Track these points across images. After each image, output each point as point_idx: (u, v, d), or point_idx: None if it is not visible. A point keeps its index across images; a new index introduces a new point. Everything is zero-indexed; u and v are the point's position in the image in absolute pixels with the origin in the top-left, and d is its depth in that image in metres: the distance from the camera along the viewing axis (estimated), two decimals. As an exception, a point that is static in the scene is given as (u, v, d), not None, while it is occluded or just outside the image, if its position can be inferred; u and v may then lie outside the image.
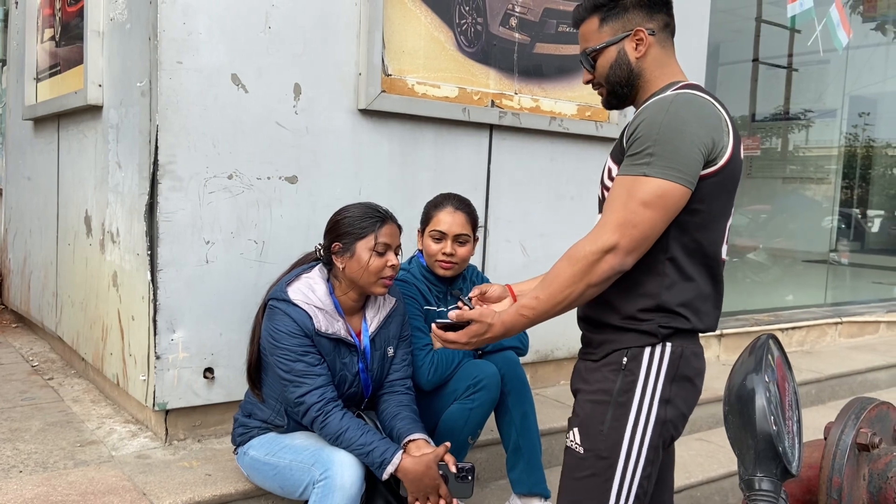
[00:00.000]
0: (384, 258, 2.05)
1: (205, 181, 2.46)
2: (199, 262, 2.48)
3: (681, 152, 1.50)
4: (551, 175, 3.32)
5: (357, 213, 2.08)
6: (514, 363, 2.42)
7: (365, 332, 2.14)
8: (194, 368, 2.50)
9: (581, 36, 1.72)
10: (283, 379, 2.01)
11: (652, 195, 1.49)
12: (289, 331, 1.99)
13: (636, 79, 1.67)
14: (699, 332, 1.67)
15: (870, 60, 7.42)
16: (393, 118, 2.82)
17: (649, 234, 1.52)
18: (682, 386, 1.64)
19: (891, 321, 5.47)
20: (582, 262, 1.52)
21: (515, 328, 1.62)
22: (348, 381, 2.09)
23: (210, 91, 2.44)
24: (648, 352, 1.61)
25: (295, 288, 2.06)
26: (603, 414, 1.62)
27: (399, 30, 2.80)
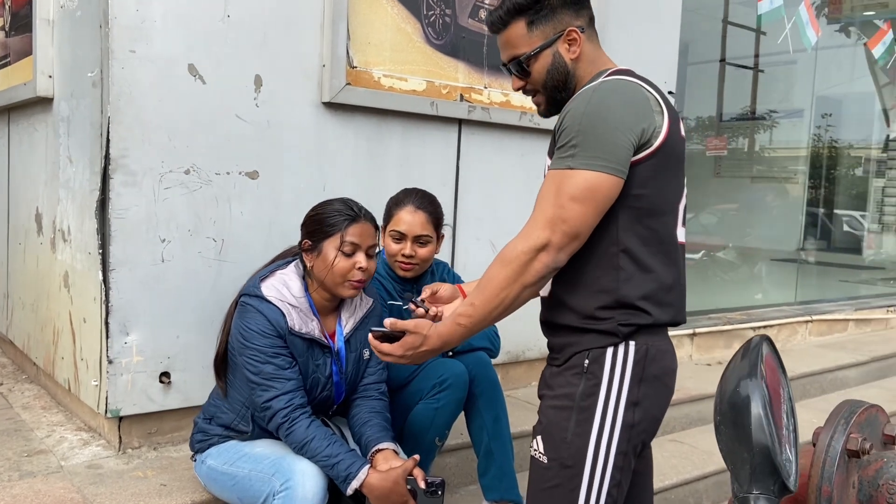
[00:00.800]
0: (352, 259, 1.93)
1: (160, 176, 2.35)
2: (154, 262, 2.36)
3: (605, 140, 1.43)
4: (521, 171, 3.25)
5: (329, 209, 1.98)
6: (485, 364, 2.34)
7: (339, 333, 2.04)
8: (149, 373, 2.38)
9: (506, 42, 1.63)
10: (251, 381, 1.91)
11: (579, 188, 1.43)
12: (260, 329, 1.89)
13: (572, 80, 1.61)
14: (665, 325, 1.59)
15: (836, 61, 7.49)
16: (358, 112, 2.73)
17: (581, 229, 1.46)
18: (652, 386, 1.56)
19: (859, 319, 5.50)
20: (514, 263, 1.45)
21: (454, 339, 1.54)
22: (321, 384, 1.99)
23: (165, 82, 2.33)
24: (611, 352, 1.53)
25: (269, 284, 1.96)
26: (566, 420, 1.54)
27: (365, 21, 2.71)
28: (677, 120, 1.53)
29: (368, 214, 2.00)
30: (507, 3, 1.60)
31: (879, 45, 5.56)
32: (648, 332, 1.56)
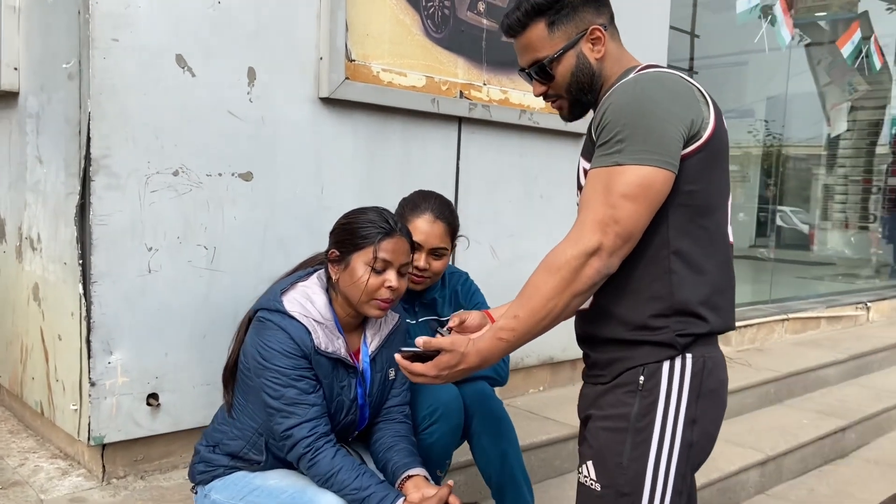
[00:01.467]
0: (381, 277, 1.75)
1: (146, 178, 2.13)
2: (141, 272, 2.14)
3: (655, 132, 1.33)
4: (521, 171, 3.11)
5: (362, 219, 1.79)
6: (486, 397, 2.14)
7: (364, 352, 1.86)
8: (136, 395, 2.17)
9: (526, 46, 1.51)
10: (270, 407, 1.71)
11: (632, 185, 1.32)
12: (283, 349, 1.69)
13: (597, 81, 1.50)
14: (719, 333, 1.48)
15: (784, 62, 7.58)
16: (357, 108, 2.55)
17: (634, 230, 1.35)
18: (709, 401, 1.45)
19: (830, 316, 5.55)
20: (564, 270, 1.33)
21: (494, 355, 1.42)
22: (345, 407, 1.81)
23: (151, 73, 2.11)
24: (667, 367, 1.42)
25: (291, 298, 1.77)
26: (621, 444, 1.42)
27: (363, 10, 2.53)
28: (720, 112, 1.43)
29: (405, 229, 1.83)
30: (526, 4, 1.48)
31: (848, 45, 5.62)
32: (704, 341, 1.45)
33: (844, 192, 9.41)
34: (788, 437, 3.46)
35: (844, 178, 9.30)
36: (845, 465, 3.67)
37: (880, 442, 4.03)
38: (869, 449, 3.91)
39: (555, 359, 3.34)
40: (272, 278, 2.25)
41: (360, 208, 1.85)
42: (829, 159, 9.27)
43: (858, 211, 9.39)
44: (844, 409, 4.03)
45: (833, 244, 9.65)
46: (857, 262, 8.97)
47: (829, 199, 9.47)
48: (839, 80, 8.13)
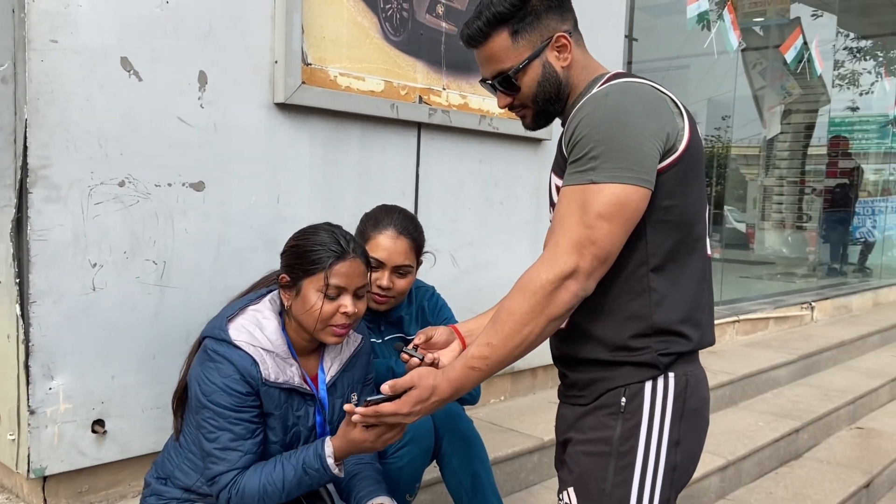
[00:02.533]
0: (336, 303, 1.63)
1: (89, 189, 1.99)
2: (84, 290, 2.00)
3: (630, 148, 1.27)
4: (480, 178, 3.05)
5: (312, 241, 1.66)
6: (456, 417, 2.07)
7: (322, 380, 1.75)
8: (80, 422, 2.02)
9: (489, 56, 1.44)
10: (203, 449, 1.61)
11: (608, 204, 1.27)
12: (224, 385, 1.58)
13: (564, 90, 1.45)
14: (701, 349, 1.45)
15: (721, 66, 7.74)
16: (314, 114, 2.44)
17: (611, 250, 1.30)
18: (691, 421, 1.41)
19: (778, 317, 5.66)
20: (539, 294, 1.28)
21: (466, 385, 1.35)
22: (303, 437, 1.71)
23: (94, 78, 1.97)
24: (650, 387, 1.37)
25: (238, 325, 1.65)
26: (603, 469, 1.38)
27: (319, 12, 2.42)
28: (694, 121, 1.39)
29: (359, 249, 1.70)
30: (486, 12, 1.40)
31: (791, 50, 5.75)
32: (686, 358, 1.41)
33: (781, 192, 9.68)
34: (746, 441, 3.49)
35: (781, 179, 9.57)
36: (800, 466, 3.72)
37: (830, 442, 4.11)
38: (820, 449, 3.97)
39: (516, 368, 3.29)
40: (226, 292, 2.14)
41: (310, 227, 1.73)
42: (766, 160, 9.52)
43: (795, 211, 9.66)
44: (797, 409, 4.10)
45: (771, 243, 9.91)
46: (796, 262, 9.23)
47: (767, 199, 9.73)
48: (774, 83, 8.35)
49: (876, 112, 9.89)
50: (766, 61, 8.24)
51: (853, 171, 9.34)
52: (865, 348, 5.72)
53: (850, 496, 3.34)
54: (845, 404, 4.37)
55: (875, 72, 9.94)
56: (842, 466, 3.70)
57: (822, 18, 8.43)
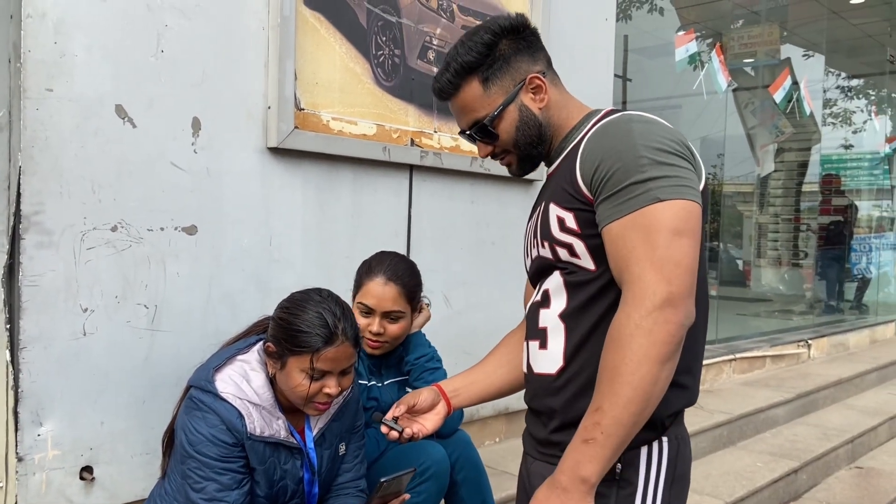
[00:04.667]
0: (320, 383, 1.60)
1: (82, 235, 2.00)
2: (75, 335, 2.00)
3: (680, 167, 1.23)
4: (472, 219, 3.07)
5: (302, 320, 1.60)
6: (467, 445, 2.09)
7: (309, 436, 1.73)
8: (68, 469, 2.00)
9: (462, 107, 1.41)
10: (190, 500, 1.59)
11: (680, 219, 1.19)
12: (211, 436, 1.57)
13: (546, 131, 1.40)
14: (690, 406, 1.37)
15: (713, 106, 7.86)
16: (306, 158, 2.47)
17: (694, 269, 1.19)
18: (680, 485, 1.36)
19: (775, 355, 5.64)
20: (637, 336, 1.15)
21: (588, 463, 1.19)
22: (289, 490, 1.69)
23: (89, 125, 2.00)
24: (645, 452, 1.30)
25: (225, 376, 1.64)
26: None
27: (312, 59, 2.47)
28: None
29: (349, 331, 1.62)
30: (454, 63, 1.38)
31: (780, 91, 5.83)
32: (679, 419, 1.36)
33: (776, 230, 9.73)
34: (744, 482, 3.45)
35: (776, 216, 9.62)
36: (799, 507, 3.68)
37: (829, 482, 4.07)
38: (819, 490, 3.93)
39: (510, 408, 3.27)
40: (218, 336, 2.15)
41: (300, 298, 1.67)
42: (760, 198, 9.59)
43: (790, 248, 9.70)
44: (795, 449, 4.06)
45: (767, 281, 9.91)
46: (792, 299, 9.23)
47: (763, 236, 9.77)
48: (766, 122, 8.45)
49: (867, 149, 9.99)
50: (757, 101, 8.34)
51: (847, 208, 9.41)
52: (863, 386, 5.70)
53: (850, 538, 3.30)
54: (844, 443, 4.33)
55: (866, 110, 10.06)
56: (842, 507, 3.67)
57: (811, 59, 8.57)
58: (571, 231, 1.31)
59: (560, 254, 1.34)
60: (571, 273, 1.34)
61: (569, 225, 1.31)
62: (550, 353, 1.37)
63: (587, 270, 1.31)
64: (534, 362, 1.42)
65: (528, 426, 1.49)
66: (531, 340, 1.43)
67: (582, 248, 1.31)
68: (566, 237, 1.32)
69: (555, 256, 1.35)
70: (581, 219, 1.30)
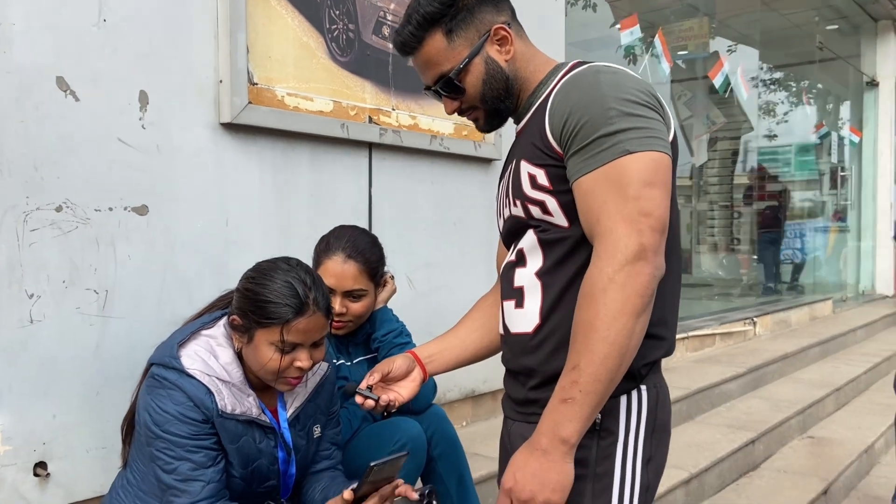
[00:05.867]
0: (290, 356, 1.51)
1: (24, 216, 1.87)
2: (21, 323, 1.86)
3: (649, 119, 1.21)
4: (433, 199, 3.01)
5: (270, 290, 1.50)
6: (443, 420, 2.04)
7: (283, 417, 1.64)
8: (20, 465, 1.86)
9: (426, 61, 1.37)
10: (162, 482, 1.49)
11: (650, 170, 1.18)
12: (179, 413, 1.47)
13: (513, 84, 1.37)
14: (667, 356, 1.35)
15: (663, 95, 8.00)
16: (262, 134, 2.37)
17: (665, 219, 1.19)
18: (660, 436, 1.34)
19: (723, 333, 5.75)
20: (611, 290, 1.14)
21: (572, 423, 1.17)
22: (264, 471, 1.60)
23: (29, 98, 1.87)
24: (625, 401, 1.28)
25: (190, 352, 1.54)
26: (580, 494, 1.25)
27: (264, 32, 2.37)
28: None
29: (321, 301, 1.53)
30: (416, 15, 1.34)
31: (719, 76, 5.96)
32: (656, 368, 1.34)
33: (713, 217, 9.97)
34: (707, 453, 3.49)
35: (712, 204, 9.86)
36: (758, 476, 3.74)
37: (784, 451, 4.15)
38: (776, 459, 4.01)
39: (476, 391, 3.23)
40: (174, 322, 2.03)
41: (267, 267, 1.57)
42: (697, 187, 9.81)
43: (727, 234, 9.96)
44: (751, 421, 4.14)
45: (707, 266, 10.16)
46: (732, 282, 9.47)
47: (701, 224, 10.01)
48: (699, 113, 8.65)
49: (799, 138, 10.33)
50: (690, 92, 8.53)
51: (781, 193, 9.72)
52: (807, 360, 5.86)
53: (811, 502, 3.36)
54: (795, 414, 4.44)
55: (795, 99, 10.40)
56: (799, 475, 3.74)
57: (747, 50, 8.79)
58: (543, 188, 1.29)
59: (532, 212, 1.31)
60: (545, 231, 1.31)
61: (540, 182, 1.29)
62: (527, 312, 1.34)
63: (560, 227, 1.29)
64: (510, 322, 1.39)
65: (506, 389, 1.46)
66: (507, 301, 1.40)
67: (554, 204, 1.28)
68: (538, 194, 1.30)
69: (527, 215, 1.33)
70: (552, 175, 1.28)
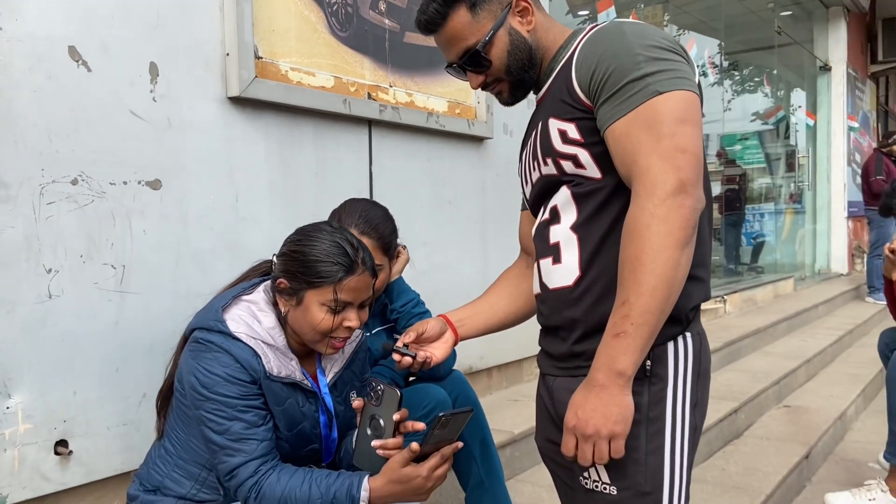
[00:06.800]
0: (341, 316, 1.52)
1: (41, 188, 1.83)
2: (40, 299, 1.83)
3: (676, 61, 1.25)
4: (430, 177, 3.03)
5: (319, 250, 1.52)
6: (464, 383, 2.07)
7: (323, 382, 1.65)
8: (41, 443, 1.83)
9: (451, 37, 1.39)
10: (213, 443, 1.48)
11: (681, 108, 1.21)
12: (228, 375, 1.47)
13: (536, 54, 1.40)
14: (706, 300, 1.39)
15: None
16: (268, 109, 2.36)
17: (700, 155, 1.22)
18: (704, 381, 1.38)
19: (696, 311, 5.89)
20: (654, 225, 1.16)
21: (622, 357, 1.20)
22: (307, 434, 1.60)
23: (41, 67, 1.83)
24: (672, 348, 1.31)
25: (234, 315, 1.53)
26: (635, 438, 1.27)
27: (266, 4, 2.35)
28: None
29: (367, 260, 1.56)
30: None
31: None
32: (697, 315, 1.38)
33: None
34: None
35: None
36: (742, 443, 3.85)
37: (764, 420, 4.29)
38: (757, 427, 4.14)
39: (473, 368, 3.26)
40: (190, 298, 2.04)
41: (312, 230, 1.60)
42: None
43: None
44: (732, 392, 4.26)
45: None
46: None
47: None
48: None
49: (757, 123, 10.59)
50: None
51: (740, 177, 9.96)
52: (776, 335, 6.04)
53: (795, 466, 3.48)
54: (772, 384, 4.58)
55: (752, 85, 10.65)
56: (781, 441, 3.87)
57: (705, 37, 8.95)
58: (574, 141, 1.31)
59: (565, 167, 1.34)
60: (578, 185, 1.33)
61: (571, 136, 1.31)
62: (566, 266, 1.36)
63: (594, 180, 1.32)
64: (547, 279, 1.40)
65: (543, 348, 1.48)
66: (542, 259, 1.42)
67: (587, 157, 1.31)
68: (570, 148, 1.32)
69: (560, 171, 1.35)
70: (583, 128, 1.30)
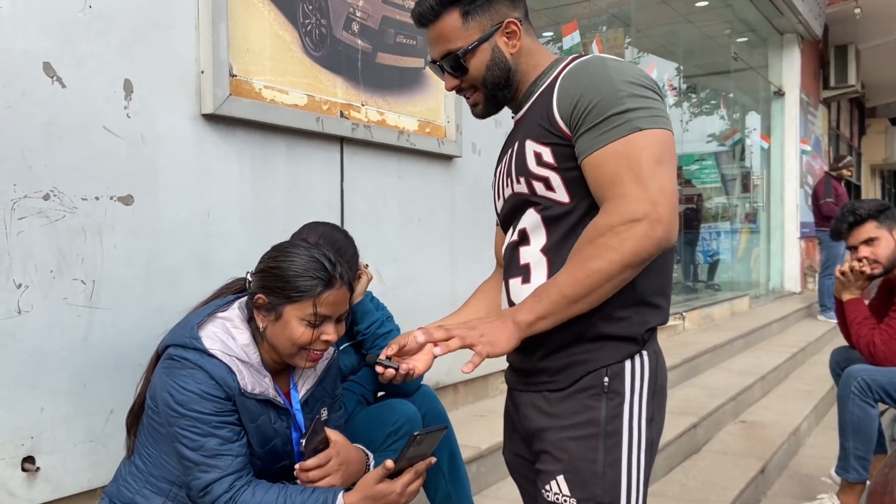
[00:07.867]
0: (319, 330, 1.56)
1: (12, 203, 1.82)
2: (9, 314, 1.81)
3: (652, 99, 1.32)
4: (400, 194, 3.07)
5: (297, 265, 1.55)
6: (433, 398, 2.11)
7: (295, 398, 1.67)
8: (8, 460, 1.81)
9: (438, 36, 1.45)
10: (187, 459, 1.49)
11: (660, 147, 1.27)
12: (203, 392, 1.48)
13: (514, 76, 1.46)
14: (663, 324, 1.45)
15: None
16: (241, 126, 2.37)
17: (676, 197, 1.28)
18: (660, 398, 1.44)
19: (656, 328, 6.00)
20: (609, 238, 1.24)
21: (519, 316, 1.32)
22: (279, 450, 1.62)
23: (15, 83, 1.83)
24: (629, 365, 1.37)
25: (209, 333, 1.55)
26: (594, 451, 1.34)
27: (241, 24, 2.38)
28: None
29: (344, 274, 1.60)
30: None
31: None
32: (654, 335, 1.44)
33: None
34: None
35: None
36: (701, 458, 3.95)
37: (721, 435, 4.39)
38: (715, 442, 4.24)
39: (440, 383, 3.29)
40: (159, 313, 2.04)
41: (290, 247, 1.63)
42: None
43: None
44: (690, 407, 4.36)
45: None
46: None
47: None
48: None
49: (714, 145, 10.86)
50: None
51: (697, 197, 10.20)
52: (733, 351, 6.19)
53: (751, 480, 3.58)
54: (729, 400, 4.69)
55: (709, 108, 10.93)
56: (738, 456, 3.97)
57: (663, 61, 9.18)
58: (548, 165, 1.37)
59: (536, 188, 1.39)
60: (546, 208, 1.39)
61: (546, 159, 1.37)
62: (534, 287, 1.40)
63: (561, 203, 1.37)
64: (516, 297, 1.45)
65: (510, 364, 1.53)
66: (512, 278, 1.47)
67: (558, 181, 1.37)
68: (543, 171, 1.38)
69: (531, 191, 1.40)
70: (558, 153, 1.36)
